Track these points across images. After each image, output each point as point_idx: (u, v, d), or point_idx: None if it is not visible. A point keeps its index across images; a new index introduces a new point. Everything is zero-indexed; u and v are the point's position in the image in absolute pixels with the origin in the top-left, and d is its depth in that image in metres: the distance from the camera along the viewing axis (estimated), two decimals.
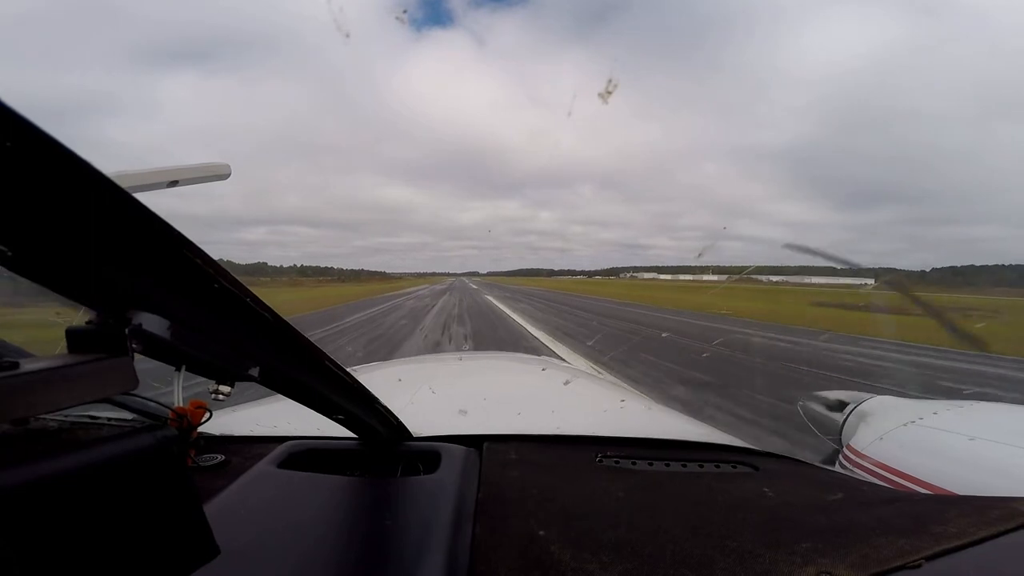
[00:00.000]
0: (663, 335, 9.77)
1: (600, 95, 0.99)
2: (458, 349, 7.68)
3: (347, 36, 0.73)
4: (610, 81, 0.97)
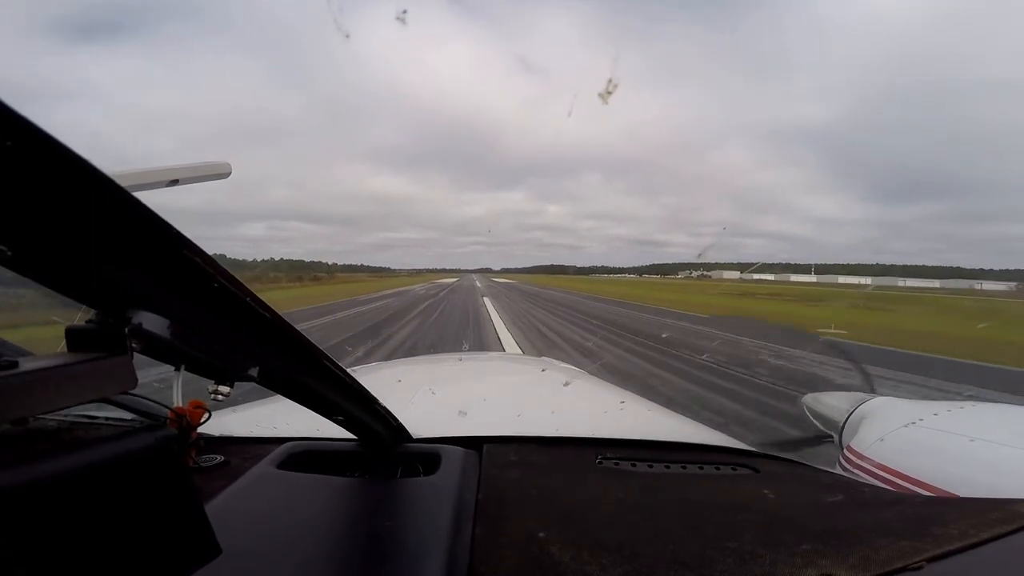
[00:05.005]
0: None
1: (600, 95, 0.99)
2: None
3: (347, 36, 0.73)
4: (610, 81, 0.97)
